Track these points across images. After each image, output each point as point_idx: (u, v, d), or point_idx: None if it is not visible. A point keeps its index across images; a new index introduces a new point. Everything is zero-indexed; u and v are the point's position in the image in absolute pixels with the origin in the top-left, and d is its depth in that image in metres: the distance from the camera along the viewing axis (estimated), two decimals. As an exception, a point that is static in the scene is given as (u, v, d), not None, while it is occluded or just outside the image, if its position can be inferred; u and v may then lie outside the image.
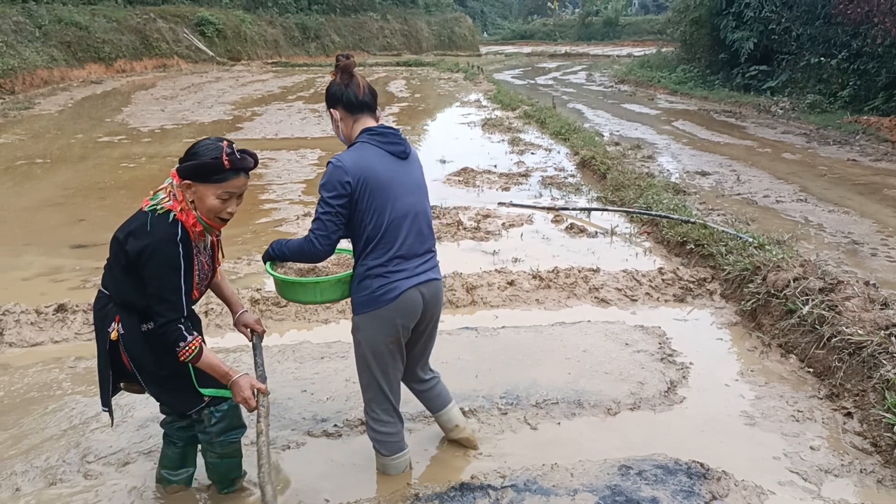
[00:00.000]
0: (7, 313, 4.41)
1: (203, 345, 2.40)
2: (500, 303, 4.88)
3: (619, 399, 3.61)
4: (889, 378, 3.36)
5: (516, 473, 2.97)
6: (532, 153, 10.62)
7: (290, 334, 4.44)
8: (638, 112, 16.75)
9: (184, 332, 2.34)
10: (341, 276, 2.74)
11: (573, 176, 9.05)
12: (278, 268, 2.86)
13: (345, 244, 2.79)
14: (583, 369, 3.93)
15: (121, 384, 2.61)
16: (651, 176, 8.59)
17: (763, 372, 3.96)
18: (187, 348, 2.35)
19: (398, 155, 2.67)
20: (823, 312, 4.02)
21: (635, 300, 4.95)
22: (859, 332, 3.70)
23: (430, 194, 2.87)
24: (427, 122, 14.54)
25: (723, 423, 3.42)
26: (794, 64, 17.46)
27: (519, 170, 9.35)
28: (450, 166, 9.43)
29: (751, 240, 5.35)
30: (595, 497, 2.81)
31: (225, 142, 2.40)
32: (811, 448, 3.21)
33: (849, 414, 3.44)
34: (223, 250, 2.77)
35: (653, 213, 6.51)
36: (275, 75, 25.38)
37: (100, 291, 2.55)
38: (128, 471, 3.01)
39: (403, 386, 2.98)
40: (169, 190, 2.42)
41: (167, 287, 2.34)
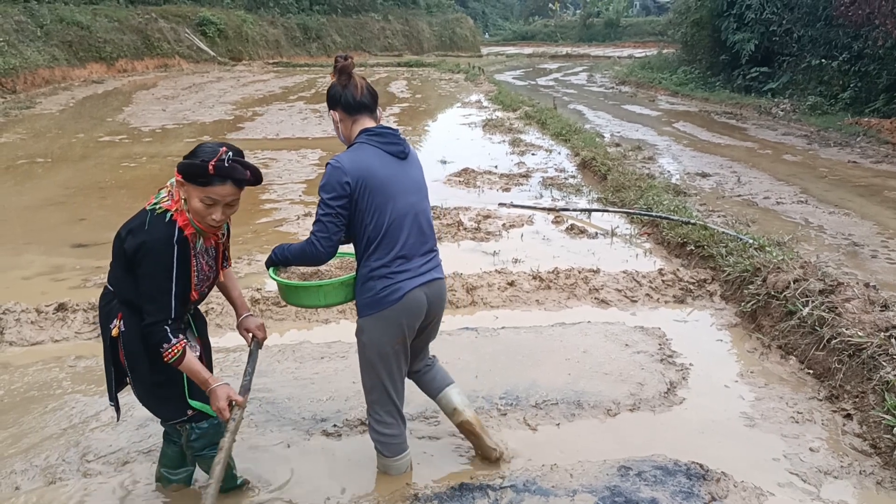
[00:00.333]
0: (7, 312, 4.41)
1: (187, 349, 2.37)
2: (501, 303, 4.88)
3: (619, 400, 3.61)
4: (889, 380, 3.36)
5: (515, 474, 2.98)
6: (533, 154, 10.63)
7: (290, 334, 4.44)
8: (639, 113, 16.76)
9: (168, 335, 2.33)
10: (344, 279, 2.74)
11: (574, 177, 9.06)
12: (281, 272, 2.84)
13: (348, 247, 2.79)
14: (582, 370, 3.94)
15: (126, 380, 2.61)
16: (651, 177, 8.60)
17: (763, 373, 3.96)
18: (170, 350, 2.34)
19: (397, 155, 2.67)
20: (823, 314, 4.02)
21: (635, 301, 4.95)
22: (859, 334, 3.70)
23: (431, 195, 2.87)
24: (428, 123, 14.55)
25: (722, 425, 3.42)
26: (795, 66, 17.47)
27: (519, 171, 9.36)
28: (450, 167, 9.43)
29: (751, 241, 5.35)
30: (594, 498, 2.81)
31: (224, 147, 2.34)
32: (811, 449, 3.21)
33: (848, 416, 3.44)
34: (227, 254, 2.75)
35: (653, 215, 6.52)
36: (276, 75, 25.40)
37: (105, 287, 2.57)
38: (127, 470, 3.01)
39: (407, 382, 2.97)
40: (170, 189, 2.42)
41: (157, 287, 2.34)
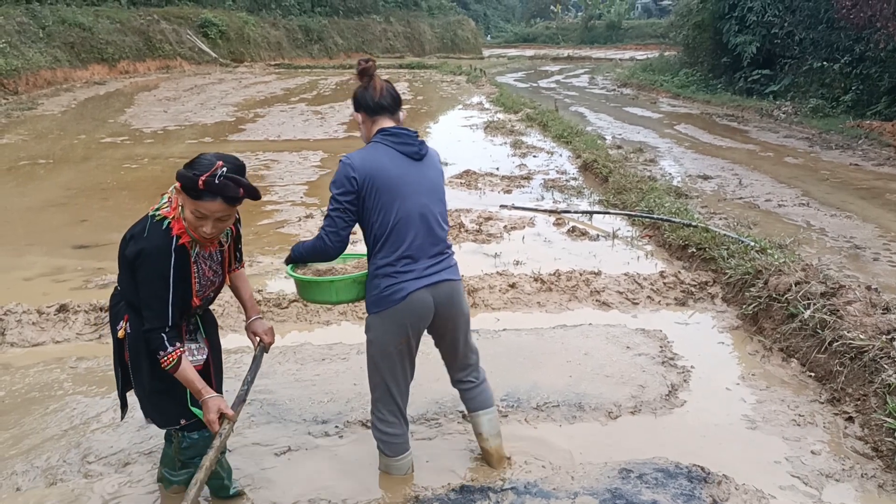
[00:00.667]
0: (9, 313, 4.42)
1: (184, 357, 2.38)
2: (502, 305, 4.88)
3: (620, 402, 3.61)
4: (890, 383, 3.35)
5: (516, 476, 2.97)
6: (534, 156, 10.63)
7: (292, 336, 4.44)
8: (640, 115, 16.76)
9: (165, 342, 2.35)
10: (356, 276, 2.77)
11: (575, 179, 9.06)
12: (299, 269, 2.88)
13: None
14: (584, 372, 3.93)
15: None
16: (653, 179, 8.59)
17: (764, 376, 3.95)
18: (166, 358, 2.36)
19: (411, 155, 2.68)
20: (825, 317, 4.01)
21: (637, 303, 4.95)
22: (861, 337, 3.70)
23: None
24: (429, 125, 14.55)
25: (724, 427, 3.42)
26: (797, 68, 17.46)
27: (521, 172, 9.36)
28: (452, 168, 9.43)
29: (752, 244, 5.34)
30: (595, 500, 2.81)
31: (220, 162, 2.28)
32: (812, 452, 3.20)
33: (850, 418, 3.44)
34: (240, 255, 2.74)
35: (654, 217, 6.51)
36: (277, 77, 25.42)
37: (115, 288, 2.58)
38: (128, 471, 3.01)
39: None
40: (170, 195, 2.42)
41: (154, 295, 2.35)
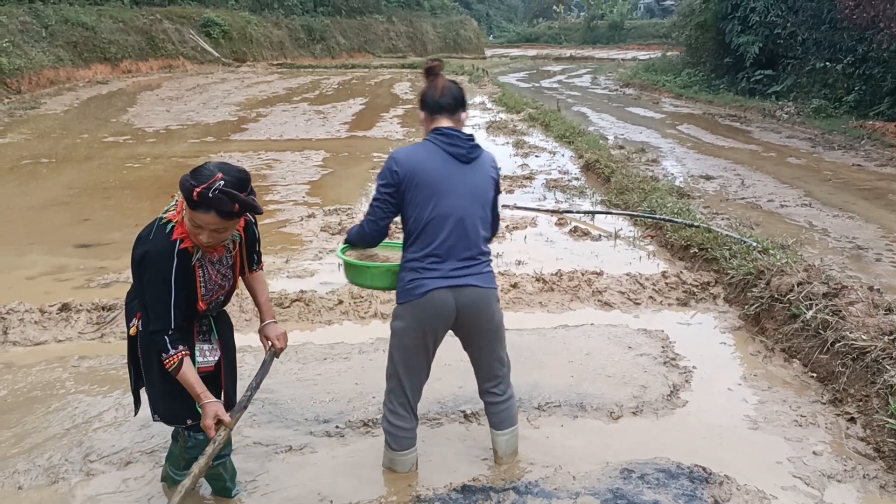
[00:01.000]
0: (11, 312, 4.42)
1: (185, 360, 2.38)
2: (504, 305, 4.85)
3: (622, 402, 3.61)
4: (893, 383, 3.35)
5: (518, 476, 2.97)
6: (536, 156, 10.62)
7: (294, 335, 4.41)
8: (642, 116, 16.75)
9: (167, 345, 2.36)
10: (391, 266, 2.85)
11: (577, 179, 9.05)
12: (350, 252, 2.98)
13: None
14: (585, 372, 3.93)
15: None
16: (655, 179, 8.58)
17: (766, 376, 3.95)
18: (168, 360, 2.37)
19: (458, 157, 2.70)
20: (827, 317, 4.01)
21: (638, 304, 4.95)
22: (863, 338, 3.69)
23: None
24: (431, 125, 14.53)
25: (725, 428, 3.41)
26: (800, 68, 17.44)
27: (523, 172, 9.35)
28: (454, 168, 9.42)
29: (755, 244, 5.34)
30: (597, 500, 2.80)
31: (219, 174, 2.22)
32: (814, 453, 3.20)
33: (852, 419, 3.43)
34: (257, 258, 2.73)
35: (657, 217, 6.51)
36: (280, 77, 25.43)
37: (131, 286, 2.60)
38: (130, 470, 3.01)
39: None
40: (178, 198, 2.41)
41: (157, 297, 2.36)
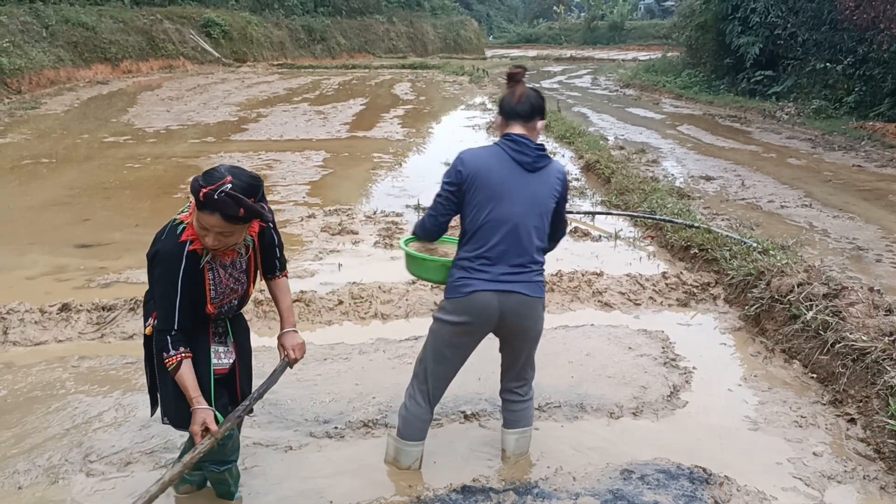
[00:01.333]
0: (11, 312, 4.42)
1: (184, 363, 2.39)
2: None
3: (622, 403, 3.61)
4: (893, 384, 3.35)
5: (518, 476, 2.97)
6: (536, 156, 10.60)
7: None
8: (643, 116, 16.75)
9: (168, 345, 2.38)
10: (446, 261, 2.89)
11: (577, 180, 9.05)
12: (415, 244, 3.04)
13: None
14: (586, 373, 3.93)
15: None
16: (655, 180, 8.58)
17: (766, 377, 3.95)
18: (168, 360, 2.39)
19: (523, 165, 2.71)
20: (827, 318, 4.01)
21: (639, 304, 4.95)
22: (863, 338, 3.69)
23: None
24: (432, 125, 14.55)
25: (725, 428, 3.42)
26: (800, 69, 17.45)
27: (523, 173, 9.33)
28: (454, 169, 9.42)
29: (755, 245, 5.34)
30: (597, 501, 2.80)
31: (229, 178, 2.22)
32: (814, 454, 3.20)
33: (852, 420, 3.43)
34: (280, 264, 2.73)
35: (657, 218, 6.51)
36: (280, 77, 25.42)
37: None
38: (130, 470, 3.01)
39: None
40: (192, 200, 2.40)
41: (164, 297, 2.38)
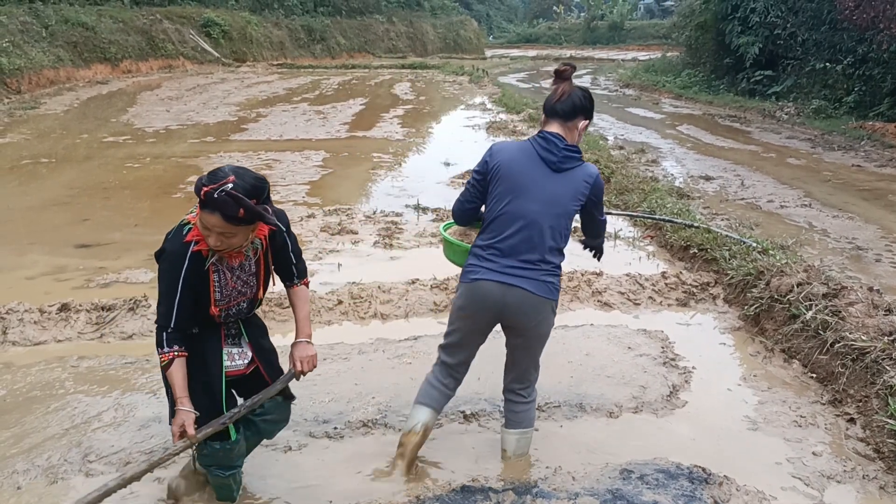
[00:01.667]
0: (10, 312, 4.42)
1: (176, 361, 2.40)
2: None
3: (622, 403, 3.61)
4: (892, 384, 3.35)
5: (517, 476, 2.97)
6: (536, 156, 10.59)
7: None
8: (642, 116, 16.75)
9: (163, 342, 2.41)
10: (468, 247, 2.96)
11: (577, 179, 9.03)
12: (453, 229, 3.15)
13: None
14: (585, 373, 3.93)
15: None
16: (655, 180, 8.57)
17: (766, 377, 3.95)
18: (161, 356, 2.42)
19: (548, 164, 2.72)
20: (827, 318, 4.01)
21: (638, 304, 4.95)
22: (863, 338, 3.69)
23: (434, 197, 2.90)
24: (432, 125, 14.55)
25: (725, 428, 3.42)
26: (800, 69, 17.45)
27: (523, 173, 9.33)
28: (454, 169, 9.41)
29: (754, 245, 5.34)
30: (596, 501, 2.80)
31: (232, 177, 2.21)
32: (814, 454, 3.20)
33: (852, 420, 3.43)
34: (297, 272, 2.73)
35: (656, 217, 6.50)
36: (280, 77, 25.41)
37: None
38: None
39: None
40: None
41: (165, 294, 2.41)
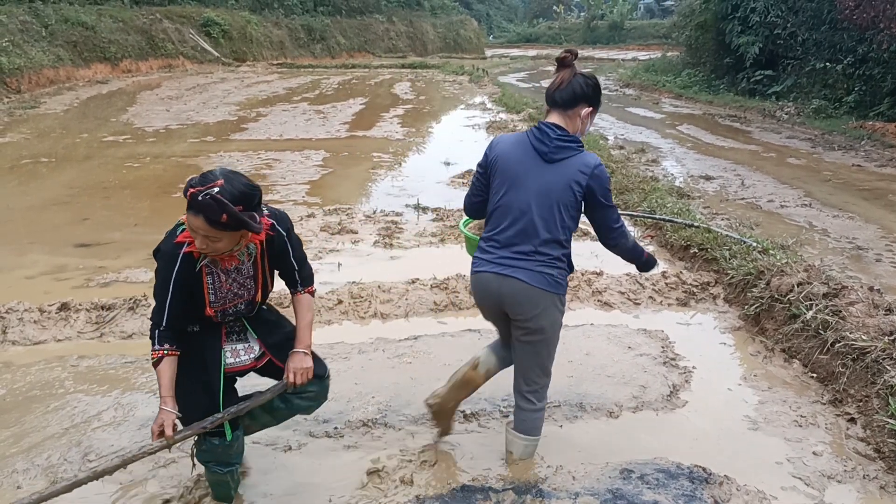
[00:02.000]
0: (10, 311, 4.42)
1: (165, 360, 2.42)
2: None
3: (622, 402, 3.61)
4: (893, 384, 3.34)
5: (518, 476, 2.97)
6: (536, 156, 10.58)
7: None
8: (643, 116, 16.74)
9: (154, 340, 2.45)
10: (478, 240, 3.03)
11: (577, 179, 9.02)
12: (472, 224, 3.23)
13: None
14: (585, 372, 3.93)
15: None
16: (655, 180, 8.57)
17: (766, 377, 3.95)
18: (152, 353, 2.45)
19: (541, 154, 2.72)
20: (827, 317, 4.01)
21: (638, 304, 4.95)
22: (863, 338, 3.69)
23: (434, 196, 2.89)
24: (432, 125, 14.54)
25: (725, 428, 3.41)
26: (800, 69, 17.44)
27: (523, 172, 9.32)
28: (454, 168, 9.41)
29: (755, 244, 5.33)
30: (597, 500, 2.80)
31: (220, 181, 2.20)
32: (814, 453, 3.20)
33: (852, 419, 3.43)
34: (302, 280, 2.69)
35: (657, 217, 6.50)
36: (280, 76, 25.41)
37: None
38: (129, 470, 2.99)
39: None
40: None
41: (157, 293, 2.46)
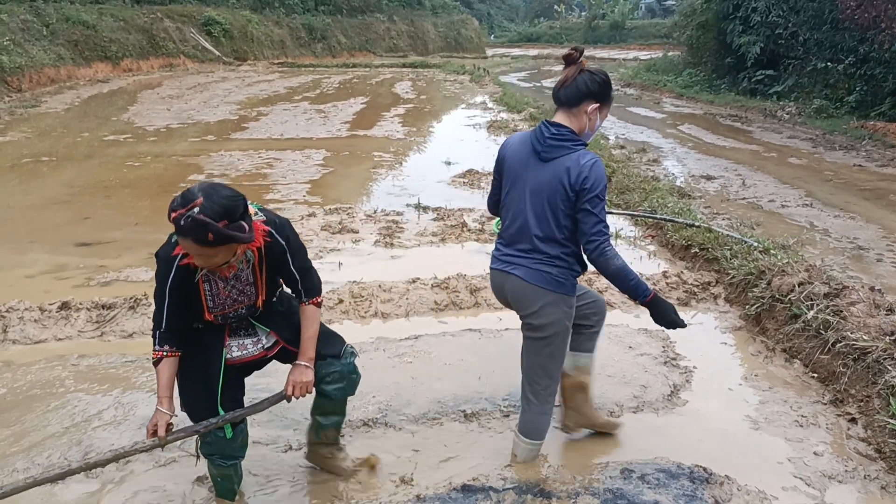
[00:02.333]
0: (11, 310, 4.42)
1: (164, 361, 2.47)
2: (504, 305, 4.87)
3: (622, 402, 3.60)
4: (894, 384, 3.34)
5: (517, 475, 2.97)
6: (537, 155, 10.57)
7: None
8: (643, 115, 16.74)
9: (154, 341, 2.49)
10: None
11: (578, 179, 9.01)
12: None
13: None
14: (586, 372, 3.92)
15: None
16: (656, 179, 8.56)
17: (767, 377, 3.94)
18: (152, 353, 2.49)
19: (537, 154, 2.74)
20: (828, 317, 4.00)
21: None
22: (864, 338, 3.69)
23: (434, 196, 2.89)
24: (433, 124, 14.54)
25: (726, 428, 3.41)
26: (801, 69, 17.42)
27: (524, 172, 9.31)
28: (455, 168, 9.42)
29: (756, 244, 5.33)
30: (597, 500, 2.80)
31: (199, 199, 2.11)
32: (815, 453, 3.19)
33: (853, 420, 3.43)
34: (306, 291, 2.63)
35: (657, 217, 6.49)
36: (281, 76, 25.41)
37: None
38: (129, 469, 3.01)
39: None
40: None
41: (156, 298, 2.48)
